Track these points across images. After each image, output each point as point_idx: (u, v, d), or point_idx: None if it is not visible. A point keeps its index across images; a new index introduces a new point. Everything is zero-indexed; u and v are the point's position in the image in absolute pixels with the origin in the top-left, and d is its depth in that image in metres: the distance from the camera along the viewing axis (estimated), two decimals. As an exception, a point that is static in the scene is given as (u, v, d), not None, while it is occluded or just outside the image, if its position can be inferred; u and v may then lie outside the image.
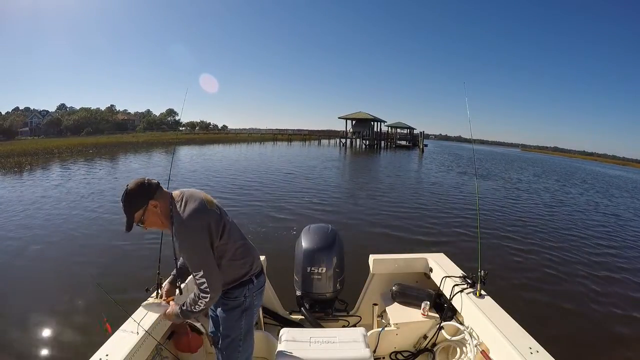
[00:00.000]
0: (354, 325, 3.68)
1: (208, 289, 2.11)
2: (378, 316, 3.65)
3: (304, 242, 3.57)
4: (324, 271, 3.46)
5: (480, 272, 3.08)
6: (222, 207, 2.37)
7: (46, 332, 4.72)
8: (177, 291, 2.58)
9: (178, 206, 2.14)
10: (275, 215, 10.76)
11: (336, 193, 15.35)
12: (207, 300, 2.13)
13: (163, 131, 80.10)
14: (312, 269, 3.46)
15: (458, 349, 3.19)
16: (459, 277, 3.32)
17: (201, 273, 2.09)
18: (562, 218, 13.22)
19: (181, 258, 2.48)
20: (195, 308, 2.18)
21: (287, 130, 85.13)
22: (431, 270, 3.70)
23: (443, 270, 3.49)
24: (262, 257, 3.64)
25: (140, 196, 2.08)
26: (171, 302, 2.39)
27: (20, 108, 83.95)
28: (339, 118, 62.59)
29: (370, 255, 3.86)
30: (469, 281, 3.17)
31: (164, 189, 2.20)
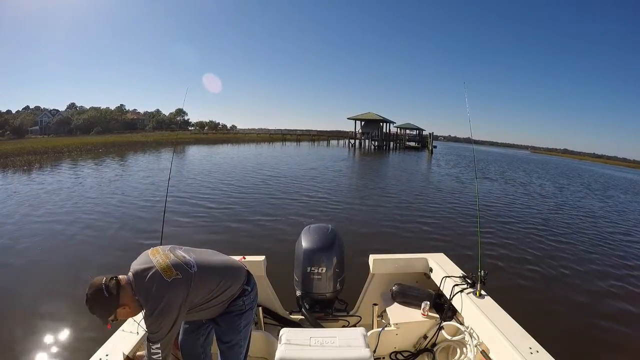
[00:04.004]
0: (354, 325, 3.67)
1: (160, 358, 2.09)
2: (378, 316, 3.62)
3: (304, 242, 3.56)
4: (324, 271, 3.45)
5: (480, 272, 3.07)
6: (185, 256, 2.25)
7: (46, 333, 4.75)
8: None
9: (141, 292, 2.04)
10: (275, 215, 10.82)
11: (339, 193, 15.41)
12: None
13: (172, 130, 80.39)
14: (312, 269, 3.45)
15: (458, 349, 3.18)
16: (459, 277, 3.32)
17: (158, 345, 2.06)
18: (563, 219, 13.22)
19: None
20: None
21: (295, 130, 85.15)
22: (431, 270, 3.69)
23: (443, 270, 3.48)
24: (262, 257, 3.65)
25: (105, 307, 1.97)
26: None
27: (31, 107, 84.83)
28: (348, 119, 62.81)
29: (370, 255, 3.85)
30: (469, 281, 3.16)
31: (123, 280, 2.05)
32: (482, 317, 2.73)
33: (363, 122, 61.60)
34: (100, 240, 8.29)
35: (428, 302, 3.35)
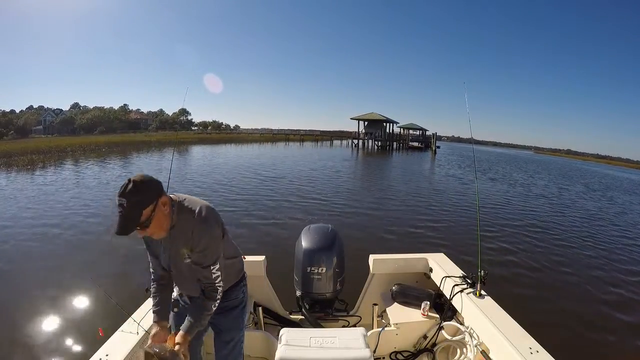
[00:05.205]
0: (354, 325, 3.67)
1: (222, 282, 2.10)
2: (378, 316, 3.62)
3: (304, 242, 3.56)
4: (324, 271, 3.45)
5: (480, 272, 3.07)
6: None
7: (47, 333, 4.75)
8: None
9: (185, 205, 2.04)
10: (276, 215, 10.82)
11: (340, 194, 15.37)
12: (220, 293, 2.11)
13: (175, 130, 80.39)
14: (312, 269, 3.45)
15: (458, 349, 3.19)
16: (459, 277, 3.32)
17: (217, 266, 2.05)
18: (564, 220, 13.15)
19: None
20: (214, 306, 2.10)
21: (299, 130, 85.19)
22: (431, 270, 3.69)
23: (443, 270, 3.48)
24: (262, 257, 3.65)
25: (151, 190, 1.81)
26: (177, 339, 2.00)
27: (34, 106, 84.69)
28: (351, 119, 62.73)
29: (370, 255, 3.85)
30: (469, 281, 3.16)
31: None
32: (482, 317, 2.73)
33: (366, 122, 61.54)
34: (97, 241, 8.26)
35: (428, 302, 3.35)
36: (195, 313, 2.06)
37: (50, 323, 4.92)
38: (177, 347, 1.91)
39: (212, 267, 2.03)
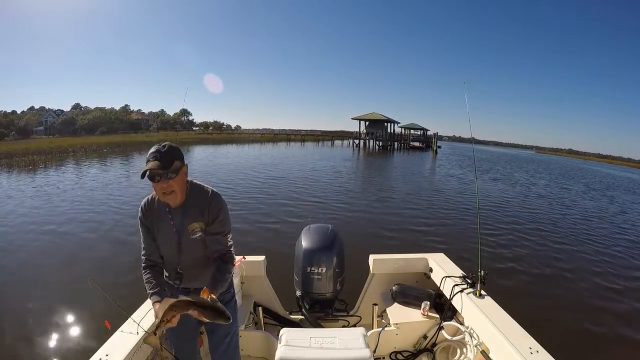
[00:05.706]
0: (354, 325, 3.67)
1: (234, 251, 2.32)
2: (378, 316, 3.62)
3: (304, 242, 3.56)
4: (323, 271, 3.45)
5: (480, 272, 3.07)
6: None
7: (46, 333, 4.75)
8: None
9: (197, 183, 2.25)
10: (276, 215, 10.82)
11: (340, 194, 15.35)
12: (234, 261, 2.38)
13: (177, 131, 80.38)
14: (312, 269, 3.45)
15: (458, 349, 3.18)
16: (459, 277, 3.32)
17: (230, 235, 2.29)
18: (564, 220, 13.11)
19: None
20: (232, 269, 2.29)
21: (300, 130, 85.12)
22: (431, 270, 3.69)
23: (443, 270, 3.48)
24: (262, 257, 3.66)
25: (181, 154, 2.10)
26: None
27: (36, 107, 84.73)
28: (352, 119, 62.79)
29: (370, 255, 3.86)
30: (469, 281, 3.16)
31: None
32: (482, 317, 2.73)
33: (367, 123, 61.55)
34: (97, 242, 8.24)
35: (428, 302, 3.36)
36: (219, 274, 2.18)
37: (47, 324, 4.92)
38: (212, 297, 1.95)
39: (228, 236, 2.27)
